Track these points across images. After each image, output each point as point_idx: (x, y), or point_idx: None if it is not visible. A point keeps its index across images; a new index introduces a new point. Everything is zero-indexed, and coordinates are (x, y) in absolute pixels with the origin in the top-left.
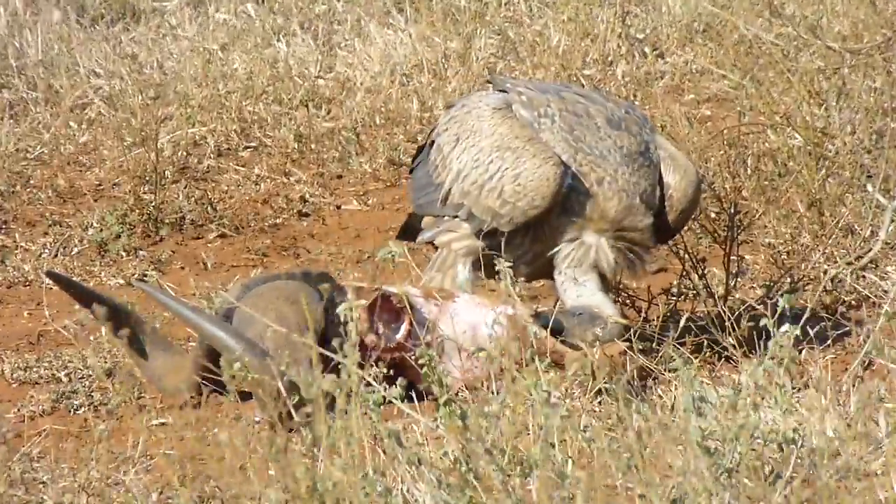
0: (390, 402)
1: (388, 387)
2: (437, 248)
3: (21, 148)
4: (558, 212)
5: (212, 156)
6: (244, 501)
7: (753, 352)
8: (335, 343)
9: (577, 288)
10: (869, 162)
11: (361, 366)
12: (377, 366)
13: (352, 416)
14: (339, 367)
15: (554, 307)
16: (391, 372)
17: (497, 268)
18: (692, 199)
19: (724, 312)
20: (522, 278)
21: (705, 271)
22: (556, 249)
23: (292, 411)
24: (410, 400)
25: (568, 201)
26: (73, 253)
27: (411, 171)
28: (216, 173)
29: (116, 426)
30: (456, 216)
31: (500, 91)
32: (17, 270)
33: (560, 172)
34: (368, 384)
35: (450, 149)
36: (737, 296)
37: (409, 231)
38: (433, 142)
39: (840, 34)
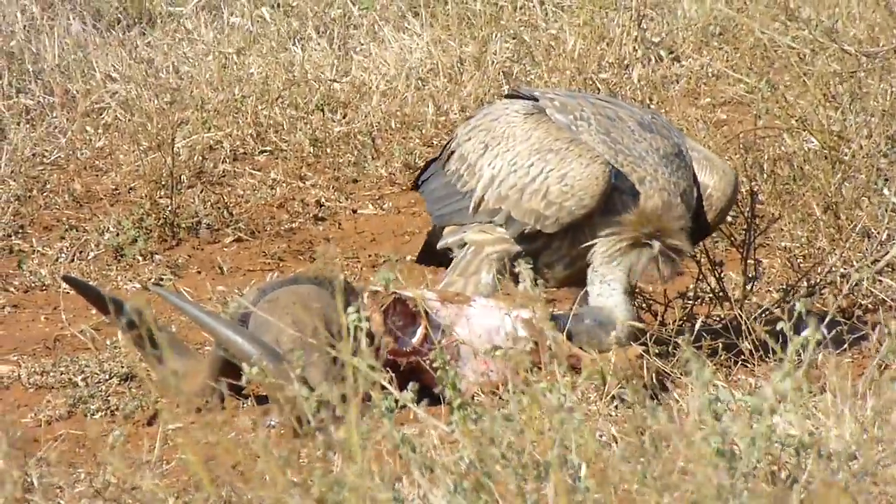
0: (405, 406)
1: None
2: (452, 257)
3: (37, 153)
4: (600, 212)
5: (228, 160)
6: None
7: (770, 356)
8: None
9: (601, 287)
10: (885, 165)
11: (374, 368)
12: (392, 370)
13: (366, 422)
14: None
15: (570, 309)
16: (407, 376)
17: (517, 269)
18: (731, 197)
19: (741, 316)
20: (554, 282)
21: (722, 275)
22: (593, 242)
23: (308, 416)
24: (426, 404)
25: (610, 201)
26: (89, 257)
27: (416, 187)
28: (232, 177)
29: (133, 431)
30: (490, 221)
31: (529, 98)
32: (33, 275)
33: (608, 171)
34: (383, 388)
35: (477, 156)
36: (753, 299)
37: (429, 253)
38: (452, 153)
39: (856, 38)
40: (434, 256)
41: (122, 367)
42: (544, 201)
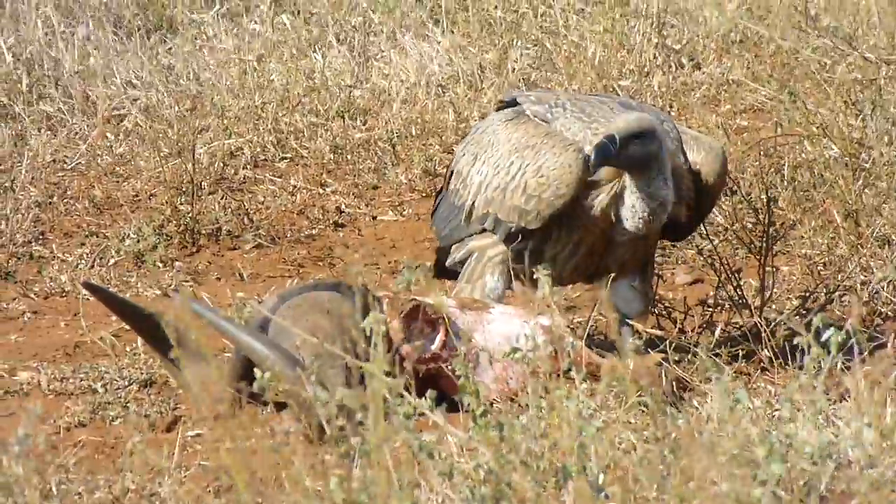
0: (422, 413)
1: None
2: (462, 266)
3: (58, 159)
4: (586, 193)
5: (248, 166)
6: None
7: (789, 363)
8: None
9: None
10: None
11: (391, 375)
12: (411, 376)
13: (385, 428)
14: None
15: (589, 318)
16: (426, 382)
17: (535, 276)
18: (719, 172)
19: (760, 324)
20: (567, 277)
21: (741, 282)
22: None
23: (324, 423)
24: (444, 411)
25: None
26: (109, 264)
27: (433, 215)
28: (252, 184)
29: (152, 437)
30: (483, 229)
31: (509, 105)
32: (53, 281)
33: (580, 158)
34: (401, 395)
35: (468, 168)
36: (773, 307)
37: (440, 272)
38: (451, 173)
39: (876, 45)
40: (446, 274)
41: (142, 373)
42: (524, 196)
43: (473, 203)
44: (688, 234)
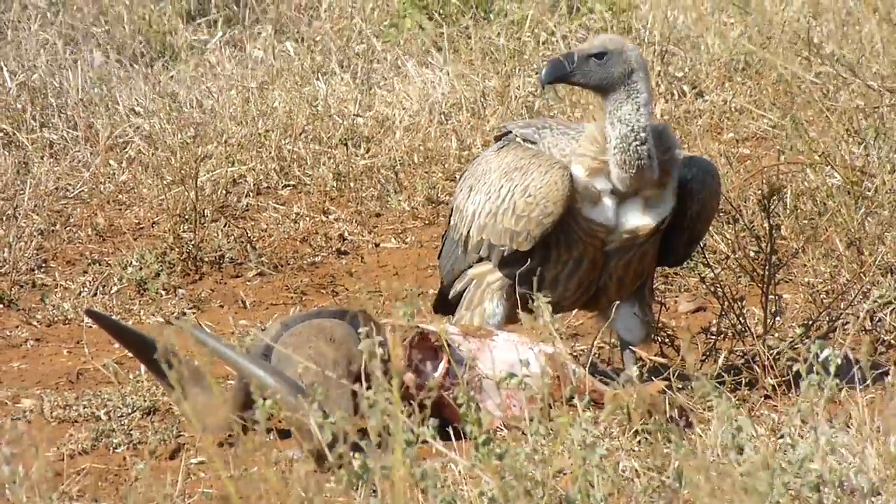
0: (425, 441)
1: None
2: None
3: (61, 186)
4: (577, 207)
5: (251, 194)
6: None
7: (792, 390)
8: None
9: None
10: None
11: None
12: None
13: (389, 456)
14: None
15: (592, 344)
16: (429, 410)
17: (535, 304)
18: (712, 189)
19: (763, 351)
20: (568, 299)
21: (744, 310)
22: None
23: (326, 451)
24: (447, 439)
25: None
26: (112, 291)
27: (439, 257)
28: (255, 212)
29: (155, 465)
30: (480, 259)
31: (501, 136)
32: (56, 309)
33: (567, 175)
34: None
35: (464, 200)
36: (776, 335)
37: (443, 306)
38: (452, 210)
39: (879, 73)
40: (450, 310)
41: (145, 400)
42: (514, 217)
43: (469, 232)
44: (685, 258)
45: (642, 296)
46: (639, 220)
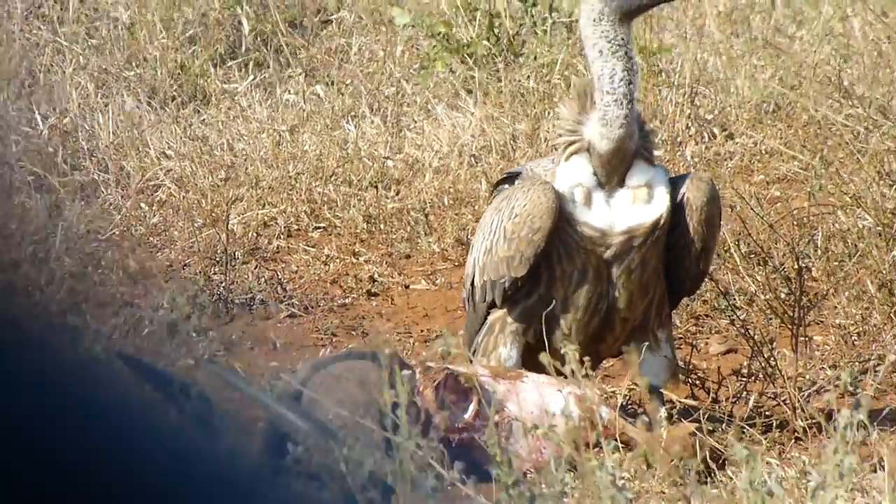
0: (453, 484)
1: (449, 469)
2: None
3: (92, 229)
4: (568, 213)
5: (282, 236)
6: None
7: (823, 433)
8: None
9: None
10: None
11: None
12: (444, 446)
13: (417, 501)
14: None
15: (623, 387)
16: (458, 452)
17: (563, 350)
18: (707, 202)
19: (793, 393)
20: (584, 322)
21: (774, 352)
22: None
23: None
24: (477, 481)
25: None
26: (143, 334)
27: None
28: (286, 254)
29: None
30: (488, 306)
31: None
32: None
33: (549, 188)
34: (430, 465)
35: (471, 257)
36: (807, 377)
37: None
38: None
39: None
40: None
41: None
42: (506, 243)
43: (473, 282)
44: (695, 281)
45: (662, 335)
46: (632, 217)
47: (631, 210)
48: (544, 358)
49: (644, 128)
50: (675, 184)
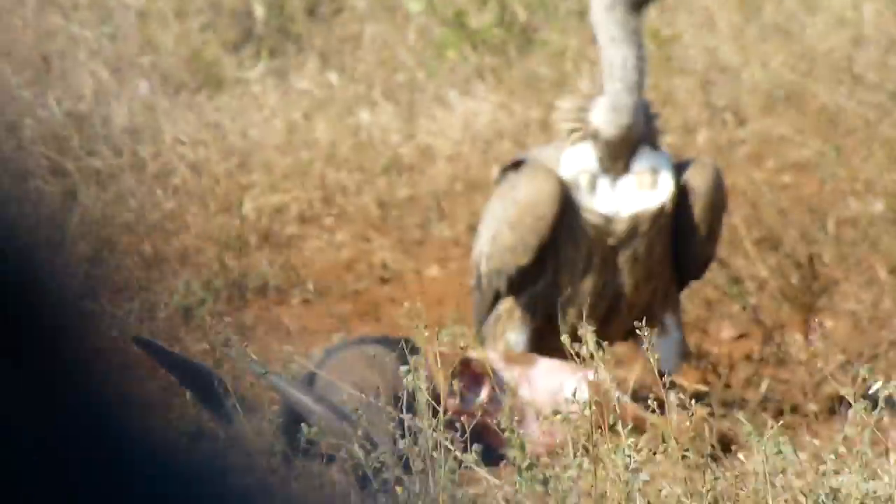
0: (468, 467)
1: (465, 451)
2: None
3: (107, 215)
4: (574, 199)
5: (295, 222)
6: None
7: (835, 416)
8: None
9: None
10: None
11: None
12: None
13: (431, 483)
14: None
15: (635, 372)
16: (471, 436)
17: (580, 332)
18: (711, 186)
19: (804, 378)
20: (591, 302)
21: (786, 337)
22: None
23: (370, 475)
24: (490, 465)
25: None
26: (158, 318)
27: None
28: (299, 240)
29: None
30: (495, 294)
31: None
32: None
33: (553, 176)
34: (447, 449)
35: (475, 245)
36: (818, 362)
37: None
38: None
39: None
40: None
41: (191, 424)
42: (509, 231)
43: (480, 269)
44: (701, 265)
45: (671, 322)
46: (637, 203)
47: (636, 196)
48: (566, 340)
49: (649, 113)
50: (679, 169)
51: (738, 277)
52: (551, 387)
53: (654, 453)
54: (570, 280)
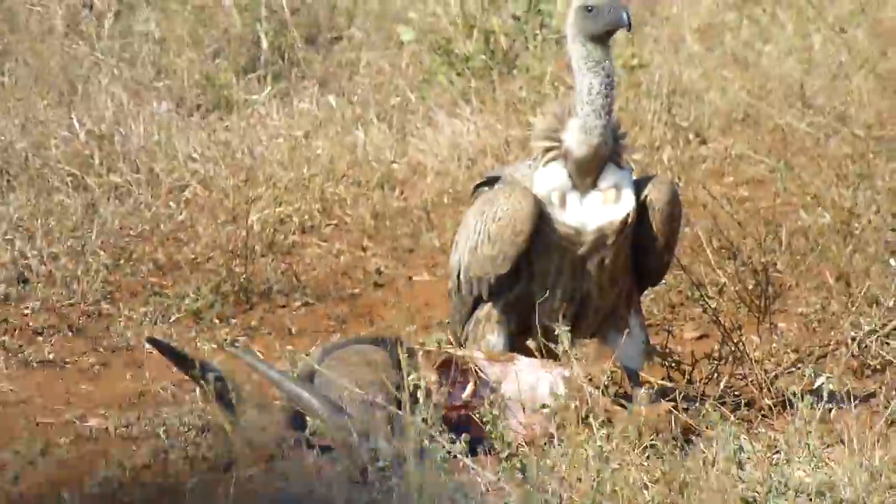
0: (455, 456)
1: (453, 442)
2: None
3: (125, 226)
4: (547, 213)
5: (296, 232)
6: None
7: (788, 410)
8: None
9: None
10: (892, 238)
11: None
12: (445, 423)
13: (422, 471)
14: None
15: (606, 369)
16: (457, 428)
17: (556, 332)
18: (667, 200)
19: (760, 375)
20: (569, 309)
21: (743, 337)
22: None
23: (367, 467)
24: (474, 455)
25: None
26: (171, 321)
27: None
28: (300, 248)
29: (210, 478)
30: (475, 300)
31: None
32: (120, 337)
33: (530, 194)
34: (434, 440)
35: (453, 255)
36: (772, 360)
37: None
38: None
39: (865, 123)
40: None
41: (200, 419)
42: (489, 244)
43: (459, 277)
44: (659, 272)
45: (635, 323)
46: (603, 216)
47: (602, 210)
48: (531, 343)
49: (616, 133)
50: (639, 185)
51: (700, 283)
52: (531, 382)
53: (622, 444)
54: (544, 285)
